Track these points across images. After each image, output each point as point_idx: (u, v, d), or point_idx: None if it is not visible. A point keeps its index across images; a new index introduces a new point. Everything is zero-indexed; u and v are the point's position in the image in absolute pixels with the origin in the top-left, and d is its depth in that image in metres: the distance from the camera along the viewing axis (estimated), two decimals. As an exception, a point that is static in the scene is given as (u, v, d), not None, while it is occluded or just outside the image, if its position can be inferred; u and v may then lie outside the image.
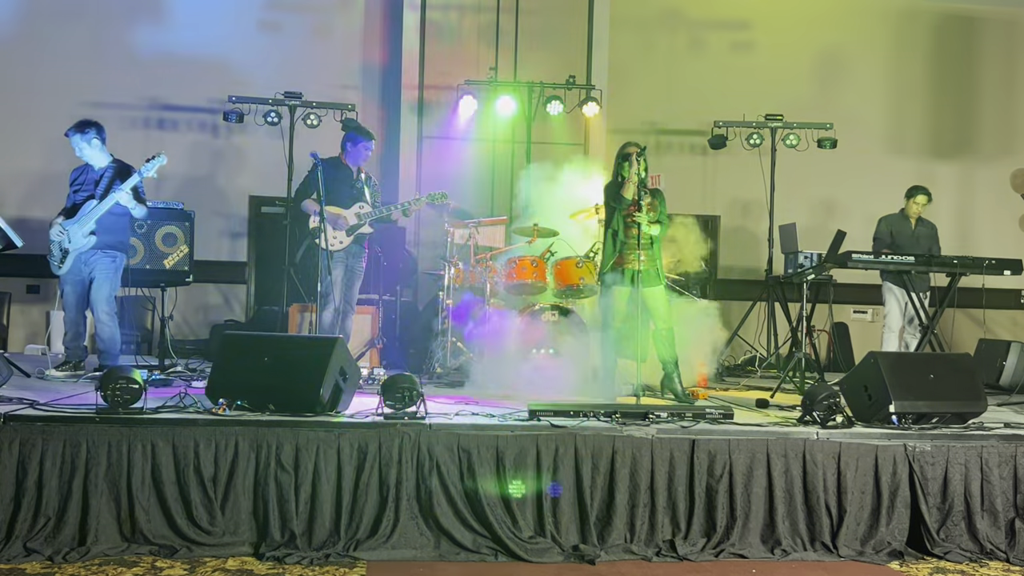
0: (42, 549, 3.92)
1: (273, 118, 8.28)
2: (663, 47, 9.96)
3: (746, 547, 4.30)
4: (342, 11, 9.56)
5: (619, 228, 5.82)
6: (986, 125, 10.47)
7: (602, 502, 4.30)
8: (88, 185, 5.91)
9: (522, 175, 7.71)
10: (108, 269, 5.87)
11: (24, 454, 4.04)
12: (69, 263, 5.83)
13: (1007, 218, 10.22)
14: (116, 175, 5.88)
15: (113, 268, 5.90)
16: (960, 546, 4.42)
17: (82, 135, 5.85)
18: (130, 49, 9.05)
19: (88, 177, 5.94)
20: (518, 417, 4.60)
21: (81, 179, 5.97)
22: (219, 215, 9.27)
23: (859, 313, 10.02)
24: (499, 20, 9.28)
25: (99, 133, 5.90)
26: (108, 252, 5.87)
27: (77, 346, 6.01)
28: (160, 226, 7.05)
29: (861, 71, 10.21)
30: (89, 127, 5.87)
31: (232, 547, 4.06)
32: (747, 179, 9.21)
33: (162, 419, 4.23)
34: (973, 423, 4.85)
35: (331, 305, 6.18)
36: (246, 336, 5.50)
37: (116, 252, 5.92)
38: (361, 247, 6.43)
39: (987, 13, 10.46)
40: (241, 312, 9.33)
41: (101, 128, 5.93)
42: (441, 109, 9.20)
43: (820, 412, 4.64)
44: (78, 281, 5.88)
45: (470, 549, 4.13)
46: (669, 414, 4.62)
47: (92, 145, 5.87)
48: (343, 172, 6.36)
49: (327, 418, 4.36)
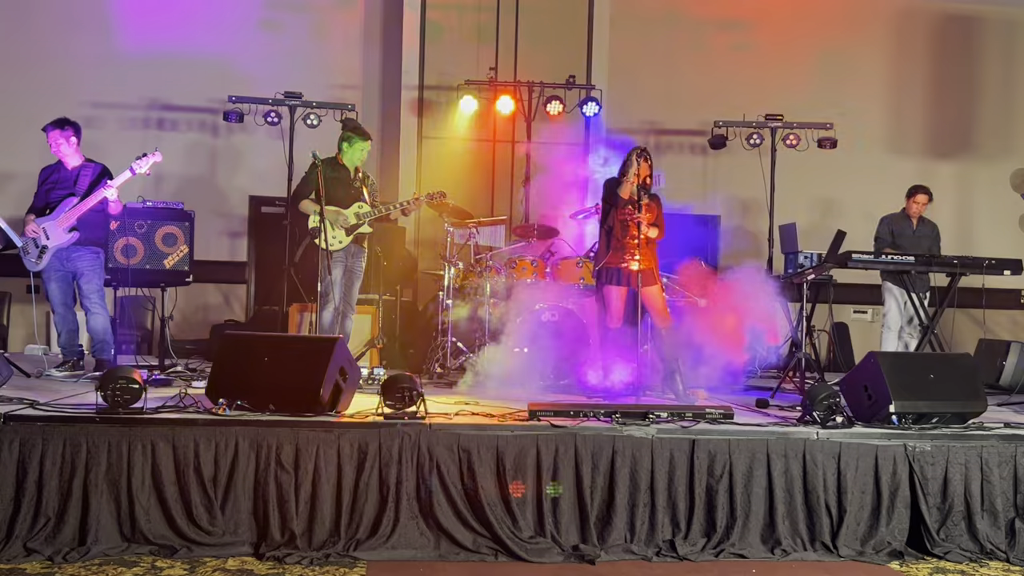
0: (42, 549, 3.92)
1: (273, 118, 8.28)
2: (663, 47, 9.95)
3: (746, 547, 4.30)
4: (342, 11, 9.56)
5: (615, 226, 5.80)
6: (986, 125, 10.46)
7: (602, 502, 4.31)
8: (64, 183, 5.96)
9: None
10: (94, 264, 6.00)
11: (24, 454, 4.04)
12: (46, 259, 5.89)
13: (1007, 218, 10.22)
14: (101, 174, 5.97)
15: (99, 263, 6.05)
16: (960, 546, 4.42)
17: (61, 131, 5.93)
18: (130, 49, 9.04)
19: (62, 175, 5.99)
20: (518, 417, 4.60)
21: (54, 177, 6.01)
22: (219, 215, 9.26)
23: (859, 313, 10.01)
24: (499, 20, 9.28)
25: (77, 132, 6.00)
26: (91, 248, 5.97)
27: (73, 344, 6.07)
28: (160, 226, 7.04)
29: (861, 71, 10.20)
30: (68, 124, 5.97)
31: (232, 547, 4.06)
32: (747, 179, 9.20)
33: (162, 419, 4.23)
34: (973, 423, 4.85)
35: (331, 305, 6.18)
36: (246, 336, 5.50)
37: (98, 248, 6.04)
38: (361, 247, 6.43)
39: (987, 13, 10.45)
40: (241, 312, 9.33)
41: (79, 128, 6.04)
42: (441, 109, 9.20)
43: (820, 412, 4.64)
44: (61, 276, 5.96)
45: (470, 549, 4.13)
46: (669, 414, 4.62)
47: (70, 143, 5.95)
48: (341, 172, 6.35)
49: (327, 418, 4.36)
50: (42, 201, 5.97)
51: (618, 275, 5.75)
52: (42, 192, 6.01)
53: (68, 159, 5.99)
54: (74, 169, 5.99)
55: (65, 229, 5.85)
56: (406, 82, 9.23)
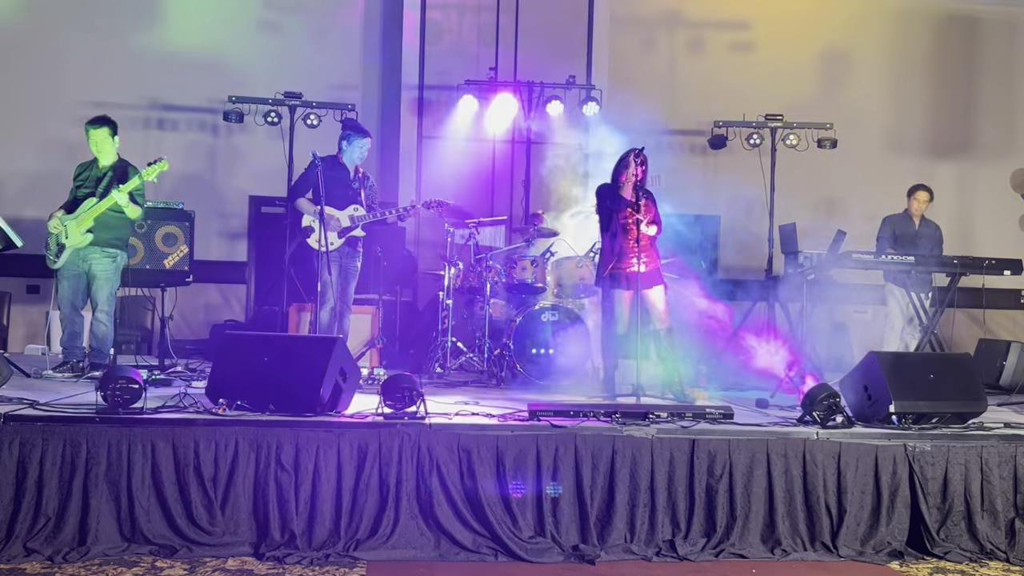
0: (42, 549, 3.92)
1: (273, 118, 8.27)
2: (663, 47, 9.95)
3: (746, 547, 4.31)
4: (342, 11, 9.55)
5: (618, 230, 5.79)
6: (986, 125, 10.46)
7: (602, 502, 4.31)
8: (90, 182, 5.97)
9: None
10: (109, 268, 5.93)
11: (24, 454, 4.04)
12: (64, 258, 5.87)
13: (1007, 218, 10.21)
14: (116, 176, 5.94)
15: (114, 268, 5.96)
16: (960, 546, 4.42)
17: (99, 128, 5.96)
18: (130, 49, 9.04)
19: (91, 174, 6.01)
20: (518, 417, 4.60)
21: (84, 175, 6.03)
22: (219, 215, 9.26)
23: (859, 313, 10.00)
24: (499, 20, 9.26)
25: (115, 131, 6.04)
26: (107, 251, 5.92)
27: (74, 345, 6.01)
28: (160, 226, 7.05)
29: (861, 71, 10.20)
30: (108, 123, 6.01)
31: (232, 547, 4.07)
32: (747, 179, 9.18)
33: (162, 419, 4.23)
34: (973, 423, 4.85)
35: (327, 304, 6.18)
36: (246, 336, 5.50)
37: (116, 250, 5.97)
38: (355, 248, 6.43)
39: (987, 13, 10.45)
40: (241, 312, 9.32)
41: (116, 127, 6.07)
42: (441, 109, 9.19)
43: (820, 412, 4.64)
44: (74, 276, 5.93)
45: (470, 549, 4.13)
46: (669, 414, 4.63)
47: (113, 141, 6.00)
48: (340, 172, 6.35)
49: (327, 418, 4.36)
50: (72, 197, 6.01)
51: (625, 279, 5.72)
52: (73, 189, 6.04)
53: (104, 157, 6.00)
54: (104, 169, 5.99)
55: (82, 230, 5.84)
56: (406, 82, 9.22)
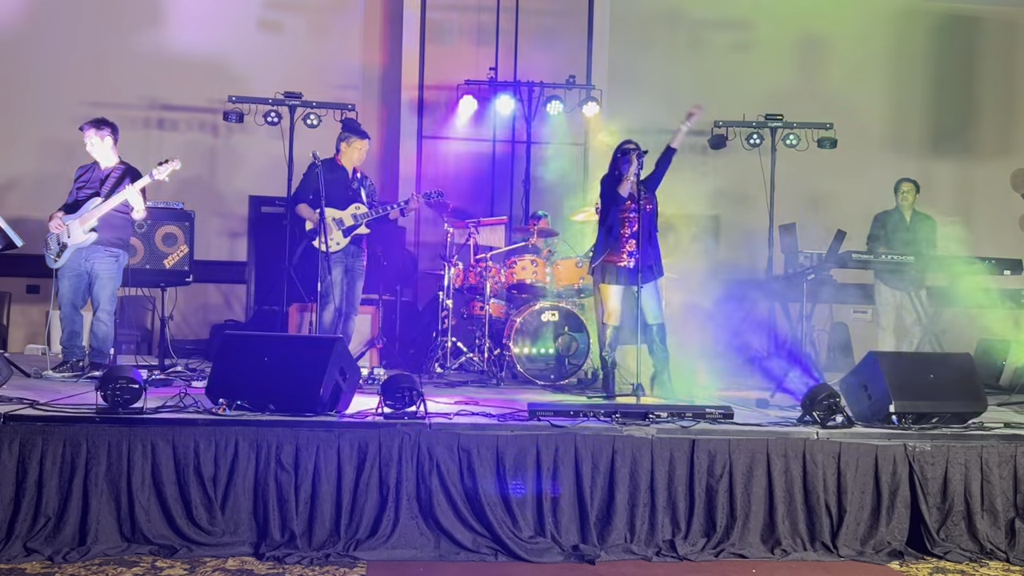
0: (42, 549, 3.93)
1: (273, 118, 8.27)
2: (663, 47, 9.94)
3: (746, 547, 4.31)
4: (342, 11, 9.56)
5: (615, 224, 5.79)
6: (985, 125, 10.46)
7: (602, 502, 4.31)
8: (93, 183, 5.97)
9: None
10: (111, 268, 5.93)
11: (24, 454, 4.04)
12: (66, 257, 5.87)
13: (1007, 218, 10.22)
14: (125, 175, 5.96)
15: (116, 267, 5.97)
16: (960, 546, 4.42)
17: (97, 130, 5.95)
18: (130, 49, 9.04)
19: (94, 175, 6.01)
20: (518, 417, 4.60)
21: (86, 176, 6.03)
22: (219, 215, 9.26)
23: (859, 313, 10.00)
24: (499, 20, 9.27)
25: (114, 133, 6.03)
26: (110, 250, 5.92)
27: (74, 345, 6.00)
28: (160, 226, 7.04)
29: (861, 71, 10.19)
30: (107, 125, 6.01)
31: (232, 547, 4.07)
32: (747, 179, 9.19)
33: (162, 419, 4.23)
34: (973, 423, 4.85)
35: (331, 305, 6.18)
36: (246, 336, 5.50)
37: (118, 250, 5.98)
38: (359, 247, 6.43)
39: (987, 13, 10.45)
40: (241, 312, 9.32)
41: (116, 129, 6.06)
42: (441, 109, 9.20)
43: (820, 412, 4.64)
44: (76, 276, 5.92)
45: (470, 549, 4.14)
46: (669, 414, 4.62)
47: (105, 143, 5.97)
48: (339, 173, 6.35)
49: (327, 418, 4.36)
50: (72, 199, 5.99)
51: (616, 272, 5.73)
52: (74, 190, 6.03)
53: (103, 159, 6.00)
54: (106, 170, 5.99)
55: (85, 229, 5.83)
56: (406, 82, 9.23)
